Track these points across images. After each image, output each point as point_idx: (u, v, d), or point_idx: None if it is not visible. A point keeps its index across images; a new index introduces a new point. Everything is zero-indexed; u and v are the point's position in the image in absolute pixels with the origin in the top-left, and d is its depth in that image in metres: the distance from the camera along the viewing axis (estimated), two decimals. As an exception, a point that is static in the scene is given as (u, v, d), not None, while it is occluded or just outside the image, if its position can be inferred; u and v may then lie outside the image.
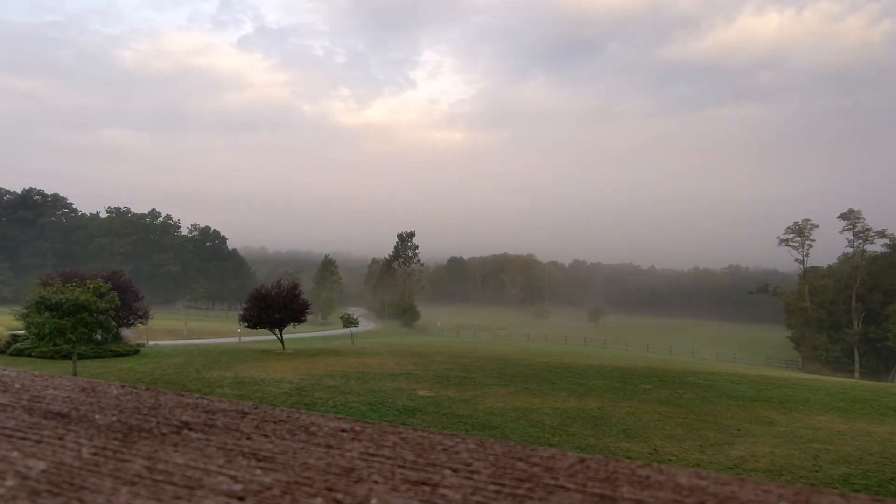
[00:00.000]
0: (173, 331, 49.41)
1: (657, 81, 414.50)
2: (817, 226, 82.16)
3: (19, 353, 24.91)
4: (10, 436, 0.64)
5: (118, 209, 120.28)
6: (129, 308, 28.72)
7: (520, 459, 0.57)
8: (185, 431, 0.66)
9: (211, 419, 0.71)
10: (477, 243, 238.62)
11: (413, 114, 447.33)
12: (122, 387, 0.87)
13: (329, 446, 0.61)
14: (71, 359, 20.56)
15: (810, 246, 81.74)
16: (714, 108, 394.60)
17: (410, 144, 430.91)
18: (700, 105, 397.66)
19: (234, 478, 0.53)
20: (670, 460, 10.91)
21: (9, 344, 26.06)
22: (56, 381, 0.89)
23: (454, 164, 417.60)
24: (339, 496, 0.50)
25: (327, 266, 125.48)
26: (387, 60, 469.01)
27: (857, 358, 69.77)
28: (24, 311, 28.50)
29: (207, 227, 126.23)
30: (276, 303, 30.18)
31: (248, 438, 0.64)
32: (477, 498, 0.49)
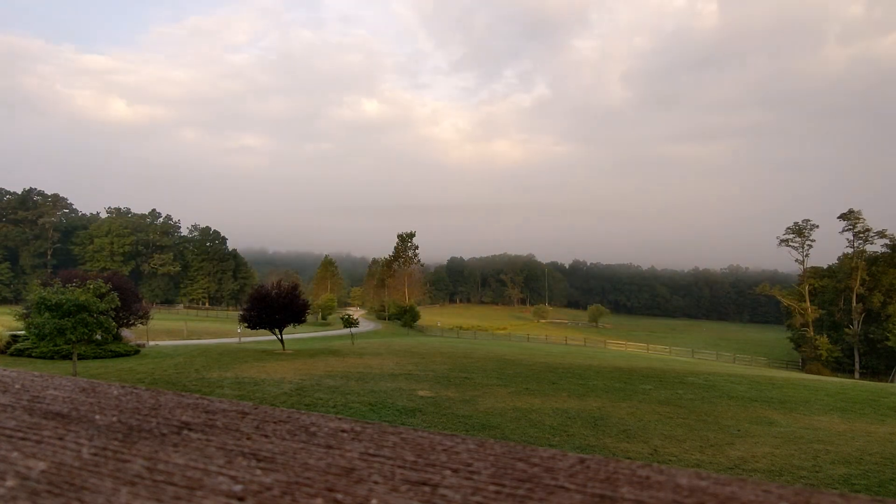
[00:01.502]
0: (173, 331, 49.33)
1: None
2: (817, 226, 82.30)
3: (19, 353, 24.96)
4: (10, 436, 0.64)
5: (118, 209, 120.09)
6: (128, 308, 28.72)
7: (520, 460, 0.57)
8: (185, 432, 0.66)
9: (211, 419, 0.71)
10: (477, 243, 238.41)
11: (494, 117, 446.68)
12: (123, 387, 0.87)
13: (329, 447, 0.61)
14: (71, 359, 20.58)
15: (810, 246, 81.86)
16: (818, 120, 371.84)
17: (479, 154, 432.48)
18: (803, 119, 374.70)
19: (234, 478, 0.53)
20: (670, 460, 10.91)
21: (9, 344, 26.09)
22: (56, 381, 0.89)
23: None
24: (340, 496, 0.49)
25: (327, 266, 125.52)
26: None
27: (857, 358, 69.80)
28: (25, 311, 28.56)
29: (207, 228, 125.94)
30: (276, 303, 30.22)
31: (248, 439, 0.64)
32: (477, 498, 0.49)
